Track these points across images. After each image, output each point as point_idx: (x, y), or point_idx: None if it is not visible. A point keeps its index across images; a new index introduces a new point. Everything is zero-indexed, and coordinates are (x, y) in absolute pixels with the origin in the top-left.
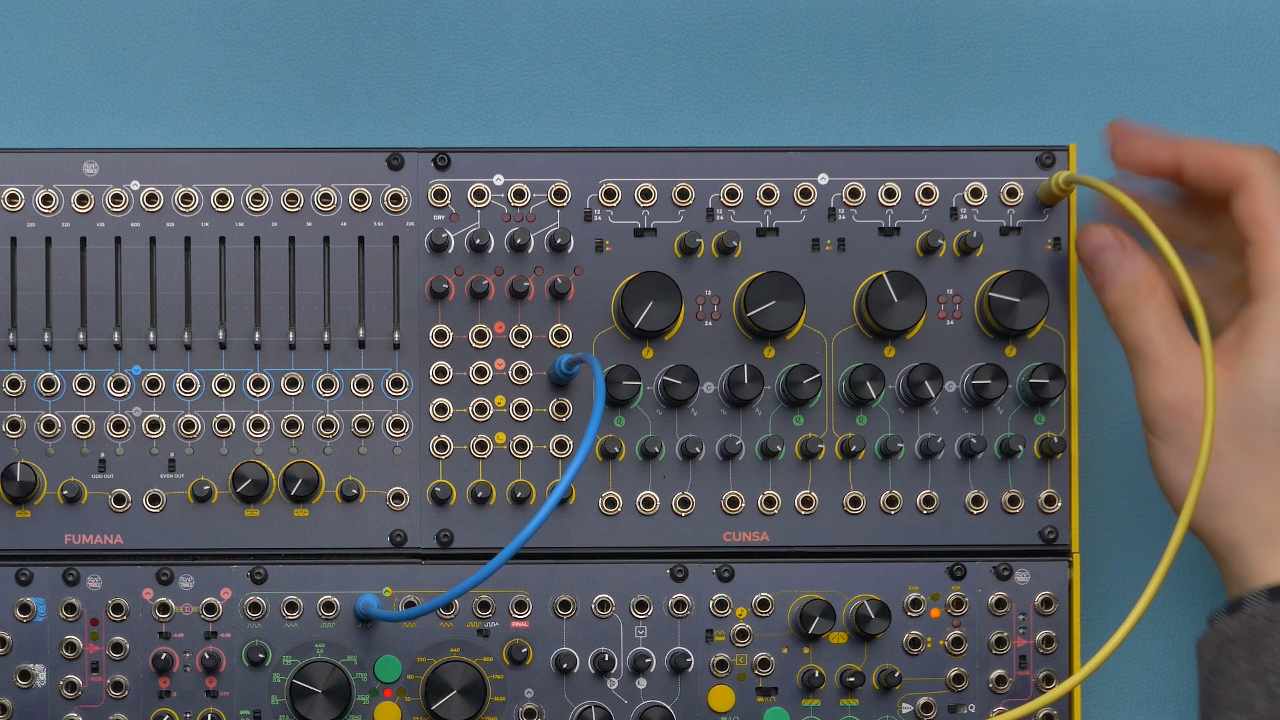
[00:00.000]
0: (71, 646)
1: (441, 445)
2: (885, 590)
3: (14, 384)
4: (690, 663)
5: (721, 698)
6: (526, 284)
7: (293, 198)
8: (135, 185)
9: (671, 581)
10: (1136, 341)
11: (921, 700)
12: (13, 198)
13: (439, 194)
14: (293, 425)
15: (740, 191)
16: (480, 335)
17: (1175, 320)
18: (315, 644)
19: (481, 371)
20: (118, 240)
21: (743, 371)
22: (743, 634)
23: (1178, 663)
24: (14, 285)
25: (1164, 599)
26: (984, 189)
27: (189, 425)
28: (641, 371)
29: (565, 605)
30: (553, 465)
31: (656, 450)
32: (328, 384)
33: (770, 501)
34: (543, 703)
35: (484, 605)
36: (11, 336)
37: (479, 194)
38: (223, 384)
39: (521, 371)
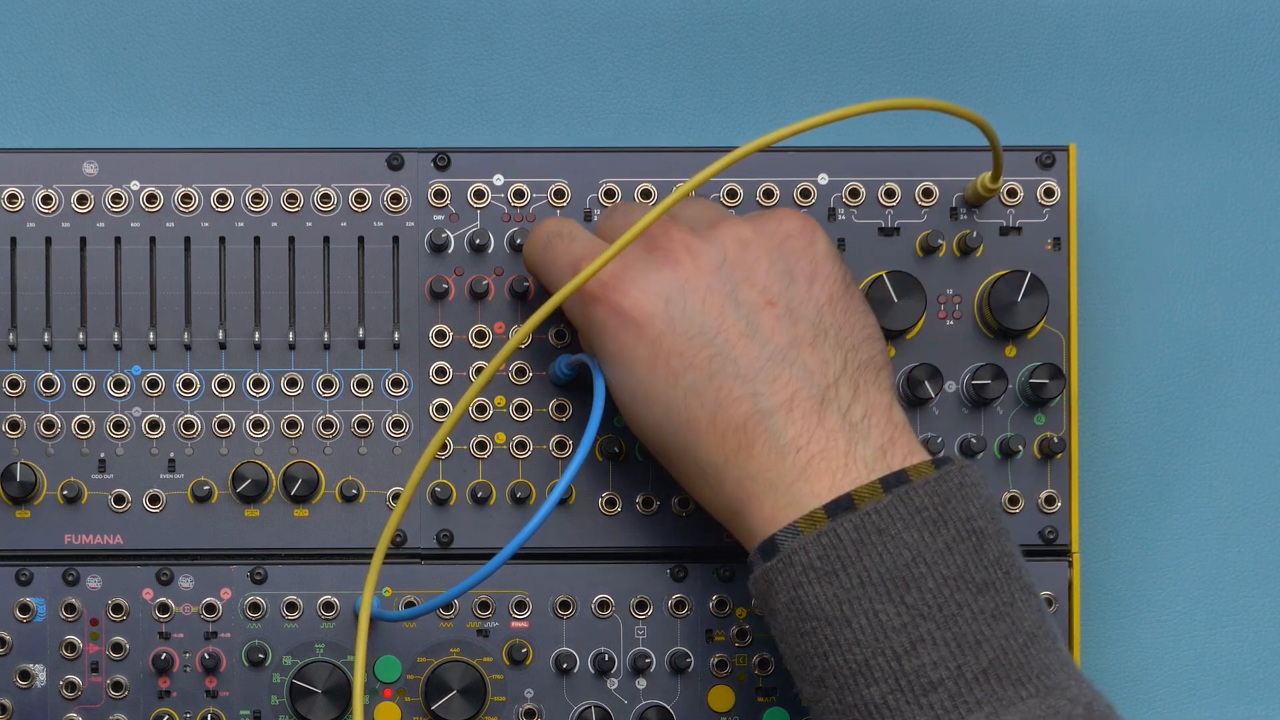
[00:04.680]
0: (71, 646)
1: (441, 445)
2: None
3: (14, 384)
4: (690, 663)
5: (721, 698)
6: (526, 284)
7: (293, 198)
8: (135, 185)
9: (671, 581)
10: None
11: None
12: (13, 198)
13: (439, 194)
14: (293, 425)
15: (741, 191)
16: (480, 335)
17: None
18: (315, 644)
19: (481, 372)
20: (118, 240)
21: None
22: (743, 634)
23: (1179, 659)
24: (14, 285)
25: (1166, 597)
26: None
27: (189, 425)
28: None
29: (565, 605)
30: (553, 465)
31: None
32: (328, 384)
33: None
34: (543, 703)
35: (484, 605)
36: (11, 336)
37: (479, 194)
38: (223, 384)
39: (521, 371)
